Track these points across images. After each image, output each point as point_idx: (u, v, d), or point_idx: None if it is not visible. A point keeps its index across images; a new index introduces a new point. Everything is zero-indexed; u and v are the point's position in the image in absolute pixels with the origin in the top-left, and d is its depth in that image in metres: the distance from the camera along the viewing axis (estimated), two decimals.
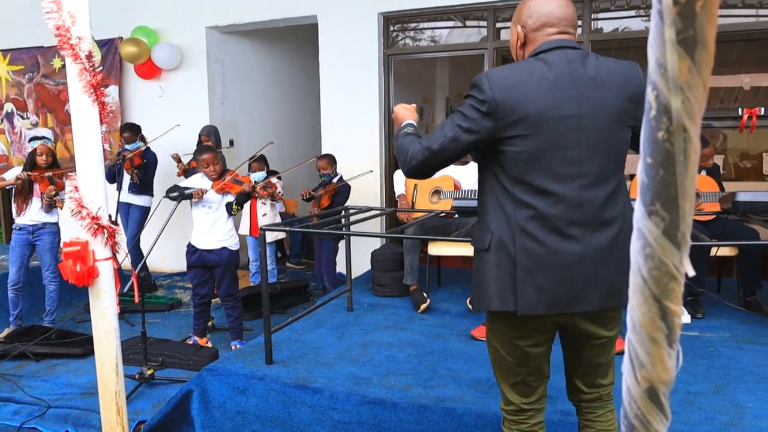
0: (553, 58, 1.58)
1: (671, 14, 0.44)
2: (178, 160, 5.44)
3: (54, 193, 4.23)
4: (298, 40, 7.21)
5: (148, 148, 5.43)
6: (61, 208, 4.38)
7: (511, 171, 1.58)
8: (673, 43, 0.45)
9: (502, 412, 1.81)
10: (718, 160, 5.80)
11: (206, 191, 3.80)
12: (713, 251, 3.57)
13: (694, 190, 0.48)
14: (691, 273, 0.49)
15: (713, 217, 3.68)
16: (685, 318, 3.47)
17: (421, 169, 1.71)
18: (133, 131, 5.44)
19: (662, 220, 0.48)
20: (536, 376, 1.71)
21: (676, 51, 0.45)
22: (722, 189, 3.92)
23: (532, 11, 1.64)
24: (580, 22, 4.99)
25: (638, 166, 0.50)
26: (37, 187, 4.34)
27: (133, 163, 5.30)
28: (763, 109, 4.00)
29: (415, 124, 1.86)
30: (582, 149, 1.55)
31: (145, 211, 5.46)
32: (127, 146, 5.45)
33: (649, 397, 0.52)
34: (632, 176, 5.01)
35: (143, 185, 5.45)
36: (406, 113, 1.91)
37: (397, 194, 4.35)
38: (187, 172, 5.40)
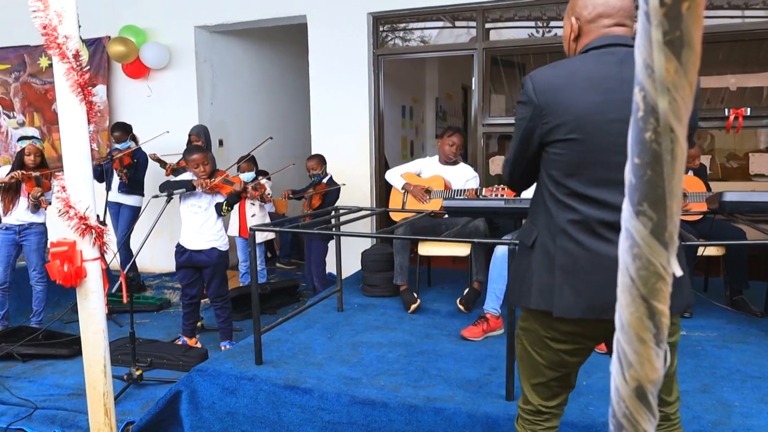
0: (603, 56, 1.51)
1: (658, 15, 0.44)
2: (158, 159, 5.42)
3: (39, 194, 4.19)
4: (287, 40, 7.19)
5: (138, 148, 5.40)
6: (46, 209, 4.35)
7: (554, 173, 1.54)
8: (660, 44, 0.45)
9: (518, 408, 1.76)
10: (705, 160, 5.85)
11: (208, 181, 3.77)
12: (700, 251, 3.60)
13: (681, 190, 0.49)
14: (679, 273, 0.50)
15: (700, 217, 3.71)
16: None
17: (514, 184, 1.71)
18: (123, 131, 5.41)
19: (650, 220, 0.48)
20: (562, 382, 1.66)
21: (663, 52, 0.45)
22: (709, 189, 3.96)
23: (587, 2, 1.58)
24: None
25: (626, 165, 0.50)
26: (24, 187, 4.31)
27: (122, 162, 5.27)
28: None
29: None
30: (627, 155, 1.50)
31: (135, 211, 5.43)
32: (117, 145, 5.41)
33: (637, 397, 0.52)
34: None
35: (133, 185, 5.42)
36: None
37: (400, 187, 4.30)
38: (175, 171, 5.37)
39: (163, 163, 5.44)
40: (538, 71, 1.57)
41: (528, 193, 3.59)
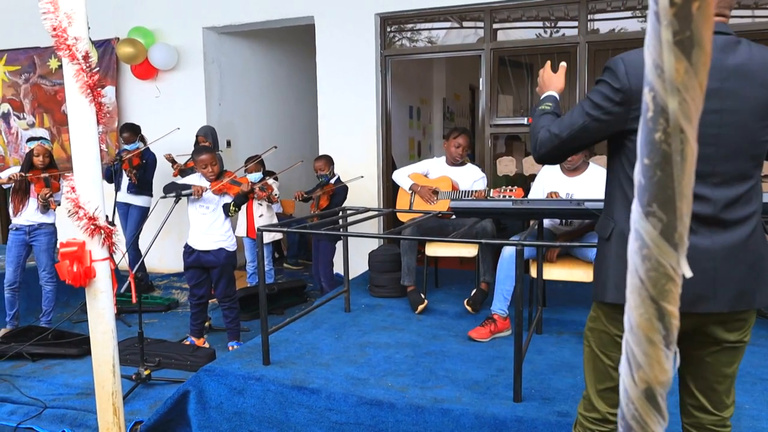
0: None
1: (668, 16, 0.44)
2: (171, 160, 5.44)
3: (48, 194, 4.22)
4: (295, 41, 7.21)
5: (147, 149, 5.43)
6: (54, 210, 4.37)
7: None
8: (670, 44, 0.45)
9: (578, 414, 1.68)
10: None
11: (206, 189, 3.80)
12: None
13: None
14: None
15: None
16: None
17: (550, 158, 1.65)
18: (132, 131, 5.44)
19: (659, 221, 0.48)
20: None
21: (673, 52, 0.45)
22: None
23: None
24: (576, 23, 5.00)
25: (636, 166, 0.50)
26: (33, 187, 4.33)
27: (131, 163, 5.30)
28: None
29: (557, 96, 1.75)
30: (719, 147, 1.43)
31: (144, 212, 5.46)
32: (126, 146, 5.44)
33: (646, 399, 0.52)
34: None
35: (142, 185, 5.45)
36: (551, 80, 1.78)
37: (407, 188, 4.30)
38: (183, 172, 5.39)
39: (174, 164, 5.47)
40: (629, 53, 1.49)
41: (535, 193, 3.58)
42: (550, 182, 3.54)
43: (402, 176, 4.35)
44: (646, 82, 0.47)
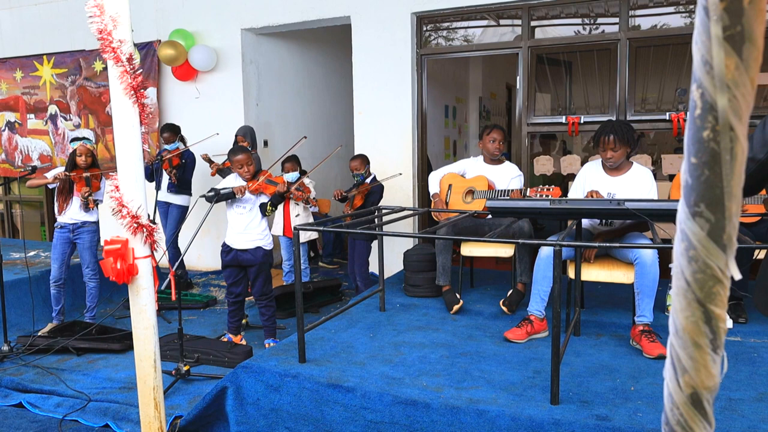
0: None
1: (718, 10, 0.43)
2: (208, 160, 5.54)
3: (87, 193, 4.35)
4: (331, 41, 7.26)
5: (187, 149, 5.54)
6: (92, 208, 4.49)
7: None
8: (720, 39, 0.43)
9: None
10: None
11: (248, 187, 3.86)
12: (755, 254, 3.46)
13: (741, 191, 0.47)
14: (738, 276, 0.48)
15: (757, 219, 3.57)
16: (727, 323, 3.37)
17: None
18: (172, 132, 5.56)
19: (707, 221, 0.47)
20: None
21: (723, 48, 0.44)
22: None
23: None
24: (616, 20, 4.90)
25: (682, 165, 0.49)
26: (75, 187, 4.46)
27: (171, 163, 5.42)
28: None
29: None
30: None
31: (183, 210, 5.57)
32: (166, 146, 5.57)
33: (692, 404, 0.50)
34: (671, 176, 4.90)
35: (182, 185, 5.56)
36: None
37: (431, 194, 4.33)
38: (221, 171, 5.49)
39: (212, 163, 5.57)
40: None
41: (575, 192, 3.52)
42: (592, 181, 3.47)
43: (433, 180, 4.34)
44: (694, 79, 0.46)
